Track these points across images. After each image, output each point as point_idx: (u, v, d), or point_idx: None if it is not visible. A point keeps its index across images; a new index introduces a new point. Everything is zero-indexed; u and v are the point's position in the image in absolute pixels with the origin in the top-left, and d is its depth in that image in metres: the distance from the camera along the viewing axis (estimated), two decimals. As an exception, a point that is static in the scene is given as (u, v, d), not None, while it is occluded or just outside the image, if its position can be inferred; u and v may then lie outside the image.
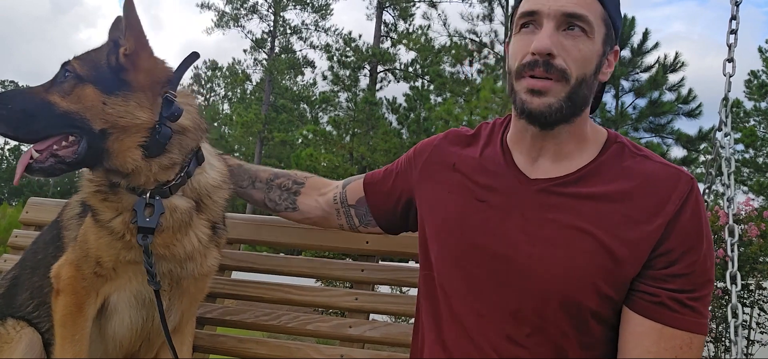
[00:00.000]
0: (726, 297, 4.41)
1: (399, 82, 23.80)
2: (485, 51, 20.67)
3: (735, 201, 2.12)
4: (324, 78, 24.32)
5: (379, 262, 1.77)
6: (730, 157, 2.11)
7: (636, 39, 15.73)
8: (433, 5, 23.27)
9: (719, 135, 2.16)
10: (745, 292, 5.26)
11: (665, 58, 15.70)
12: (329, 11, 29.70)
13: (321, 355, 1.63)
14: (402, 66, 23.70)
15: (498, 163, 1.21)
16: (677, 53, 15.72)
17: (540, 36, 1.07)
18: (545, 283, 1.07)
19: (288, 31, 30.28)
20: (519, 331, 1.08)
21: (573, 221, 1.08)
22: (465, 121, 15.71)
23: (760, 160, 23.71)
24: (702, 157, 15.86)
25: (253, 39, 30.01)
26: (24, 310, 1.47)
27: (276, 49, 30.03)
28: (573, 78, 1.08)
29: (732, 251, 1.95)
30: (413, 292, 1.43)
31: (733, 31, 2.12)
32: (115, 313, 1.40)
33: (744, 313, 5.27)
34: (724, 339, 4.94)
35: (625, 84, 16.01)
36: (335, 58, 23.55)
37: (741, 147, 22.21)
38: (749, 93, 24.81)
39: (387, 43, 24.34)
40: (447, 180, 1.27)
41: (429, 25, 23.22)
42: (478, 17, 21.36)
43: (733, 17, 2.11)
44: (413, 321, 1.35)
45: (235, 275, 1.91)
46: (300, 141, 25.01)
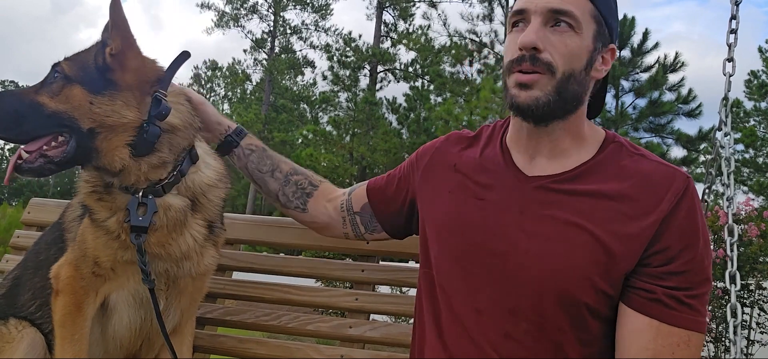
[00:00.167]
0: (726, 296, 4.40)
1: (399, 82, 23.80)
2: (485, 51, 20.61)
3: (735, 201, 2.12)
4: (324, 78, 24.33)
5: (380, 262, 1.77)
6: (729, 156, 2.11)
7: (636, 39, 15.74)
8: (433, 5, 23.25)
9: (719, 135, 2.16)
10: (745, 292, 5.26)
11: (665, 58, 15.71)
12: (329, 11, 29.75)
13: (321, 355, 1.63)
14: (402, 66, 23.69)
15: (497, 162, 1.23)
16: (677, 53, 15.73)
17: (526, 31, 1.11)
18: (541, 278, 1.08)
19: (288, 31, 30.33)
20: (517, 328, 1.09)
21: (569, 217, 1.09)
22: (465, 121, 15.69)
23: (760, 160, 23.71)
24: (702, 157, 15.84)
25: (253, 39, 30.05)
26: (26, 310, 1.47)
27: (276, 49, 30.05)
28: (559, 71, 1.10)
29: (731, 251, 1.95)
30: (413, 292, 1.43)
31: (733, 31, 2.11)
32: (115, 312, 1.41)
33: (744, 313, 5.28)
34: (724, 339, 4.94)
35: (625, 84, 16.00)
36: (335, 58, 23.53)
37: (741, 147, 22.23)
38: (749, 93, 24.82)
39: (387, 43, 24.33)
40: (448, 181, 1.28)
41: (429, 25, 23.21)
42: (478, 17, 21.32)
43: (733, 17, 2.11)
44: (413, 321, 1.35)
45: (236, 275, 1.91)
46: (300, 141, 25.03)
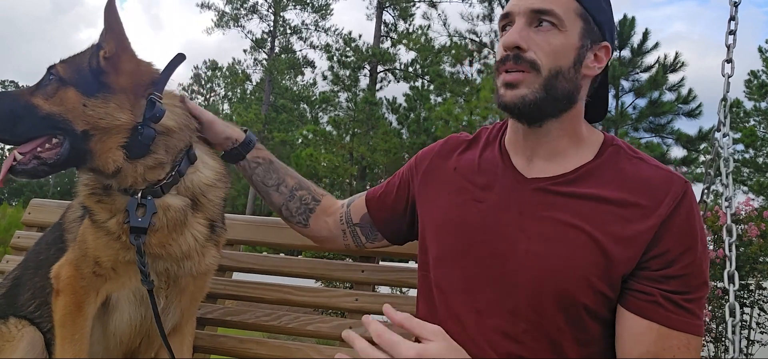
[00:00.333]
0: (726, 296, 4.41)
1: (399, 82, 23.77)
2: (485, 51, 20.61)
3: (734, 201, 2.12)
4: (324, 78, 24.28)
5: (380, 263, 1.78)
6: (728, 157, 2.11)
7: (636, 39, 15.70)
8: (433, 5, 23.25)
9: (718, 135, 2.16)
10: (745, 292, 5.26)
11: (665, 58, 15.66)
12: (329, 11, 29.74)
13: (321, 355, 1.63)
14: (402, 66, 23.66)
15: (496, 164, 1.23)
16: (677, 53, 15.68)
17: (510, 32, 1.13)
18: (541, 279, 1.08)
19: (288, 31, 30.32)
20: (515, 328, 1.09)
21: (568, 218, 1.10)
22: (465, 121, 15.68)
23: (760, 160, 23.73)
24: (702, 157, 15.83)
25: (253, 39, 30.04)
26: (26, 310, 1.48)
27: (276, 49, 30.05)
28: (545, 69, 1.11)
29: (730, 250, 1.95)
30: (413, 293, 1.43)
31: (732, 32, 2.11)
32: (116, 309, 1.42)
33: (744, 313, 5.28)
34: (724, 339, 4.94)
35: (625, 84, 15.98)
36: (335, 58, 23.50)
37: (741, 147, 22.24)
38: (749, 93, 24.82)
39: (387, 43, 24.30)
40: (447, 184, 1.29)
41: (429, 25, 23.21)
42: (478, 17, 21.32)
43: (732, 18, 2.11)
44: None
45: (236, 276, 1.91)
46: (300, 141, 25.01)
